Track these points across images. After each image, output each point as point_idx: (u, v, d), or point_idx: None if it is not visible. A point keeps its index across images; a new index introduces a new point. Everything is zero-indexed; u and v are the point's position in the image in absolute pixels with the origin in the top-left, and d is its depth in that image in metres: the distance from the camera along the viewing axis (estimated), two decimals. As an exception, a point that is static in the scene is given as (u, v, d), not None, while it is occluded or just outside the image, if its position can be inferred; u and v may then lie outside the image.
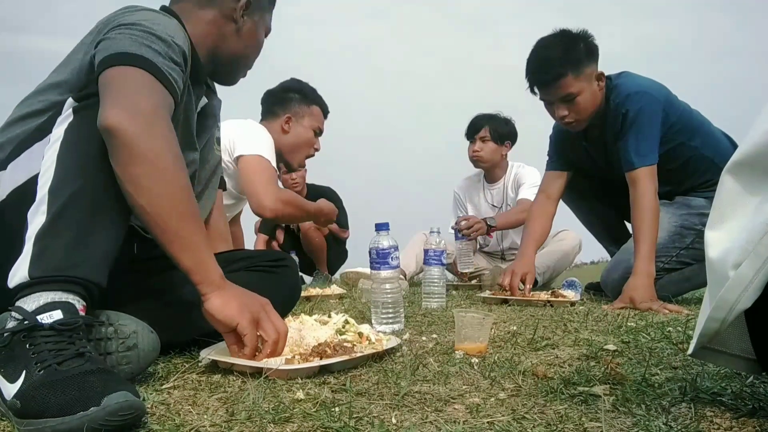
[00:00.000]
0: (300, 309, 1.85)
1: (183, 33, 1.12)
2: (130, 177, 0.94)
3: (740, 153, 0.73)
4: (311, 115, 2.49)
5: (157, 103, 0.99)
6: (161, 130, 0.97)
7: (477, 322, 1.23)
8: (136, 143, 0.93)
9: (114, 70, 0.99)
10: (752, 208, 0.70)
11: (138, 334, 0.98)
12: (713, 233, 0.75)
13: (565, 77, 2.12)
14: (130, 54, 1.00)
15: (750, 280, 0.66)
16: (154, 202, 0.95)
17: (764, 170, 0.70)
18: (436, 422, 0.78)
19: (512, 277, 2.26)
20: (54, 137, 0.98)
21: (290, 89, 2.51)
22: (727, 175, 0.75)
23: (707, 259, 0.75)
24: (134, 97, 0.97)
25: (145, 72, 1.00)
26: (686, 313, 1.81)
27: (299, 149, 2.48)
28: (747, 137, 0.73)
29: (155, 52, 1.03)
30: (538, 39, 2.22)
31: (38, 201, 0.92)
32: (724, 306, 0.69)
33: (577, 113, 2.19)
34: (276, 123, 2.44)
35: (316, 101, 2.51)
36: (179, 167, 0.99)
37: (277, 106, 2.48)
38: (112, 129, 0.93)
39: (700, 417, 0.78)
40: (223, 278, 1.03)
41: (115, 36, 1.04)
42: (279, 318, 1.08)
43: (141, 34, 1.04)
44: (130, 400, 0.74)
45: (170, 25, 1.10)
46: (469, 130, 3.31)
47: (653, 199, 2.08)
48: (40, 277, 0.87)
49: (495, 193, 3.38)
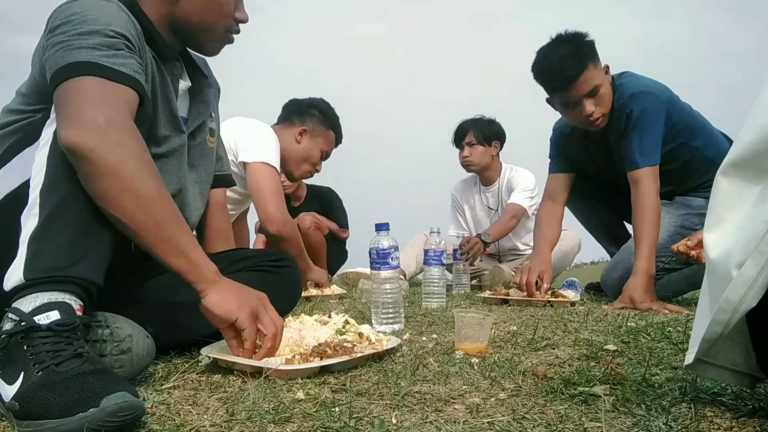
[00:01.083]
0: (300, 309, 1.85)
1: (123, 15, 1.07)
2: (97, 192, 0.92)
3: (733, 154, 0.73)
4: (325, 137, 2.52)
5: (111, 109, 0.95)
6: (118, 138, 0.93)
7: (477, 322, 1.23)
8: (95, 158, 0.91)
9: (61, 87, 0.97)
10: (751, 207, 0.70)
11: (133, 338, 0.98)
12: (712, 235, 0.74)
13: (587, 69, 2.08)
14: (70, 64, 0.97)
15: (754, 279, 0.65)
16: (128, 213, 0.93)
17: (758, 169, 0.70)
18: (436, 422, 0.78)
19: (529, 274, 2.21)
20: (43, 140, 0.97)
21: (315, 106, 2.53)
22: (721, 177, 0.74)
23: (707, 261, 0.74)
24: (85, 111, 0.94)
25: (91, 77, 0.97)
26: (686, 313, 1.81)
27: (304, 163, 2.51)
28: (738, 139, 0.73)
29: (92, 49, 0.99)
30: (538, 50, 2.18)
31: (30, 204, 0.92)
32: (728, 307, 0.68)
33: (602, 107, 2.16)
34: (290, 131, 2.46)
35: (334, 127, 2.55)
36: (145, 172, 0.96)
37: (297, 115, 2.50)
38: (70, 148, 0.91)
39: (700, 417, 0.78)
40: (217, 274, 1.02)
41: (53, 45, 1.01)
42: (275, 312, 1.08)
43: (75, 36, 1.00)
44: (130, 401, 0.74)
45: (104, 12, 1.05)
46: (456, 137, 3.33)
47: (655, 199, 2.08)
48: (36, 278, 0.87)
49: (490, 195, 3.40)
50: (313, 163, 2.53)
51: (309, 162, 2.51)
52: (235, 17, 1.24)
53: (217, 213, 1.53)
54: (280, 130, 2.43)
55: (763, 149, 0.69)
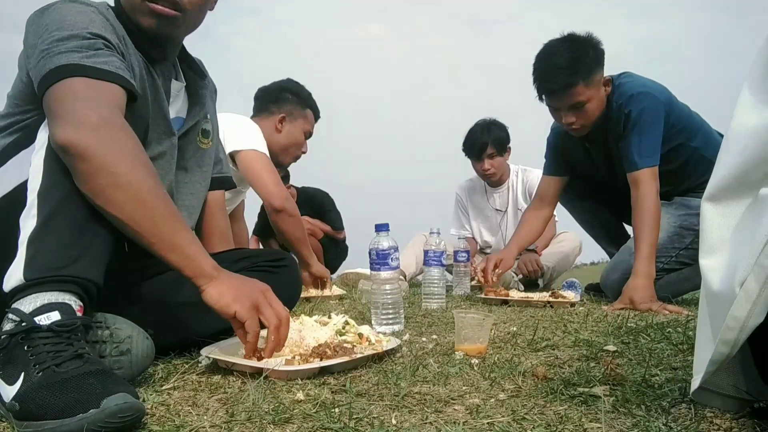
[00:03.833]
0: (300, 310, 1.85)
1: (101, 18, 1.08)
2: (93, 191, 0.93)
3: (722, 178, 0.74)
4: (304, 117, 2.54)
5: (102, 107, 0.96)
6: (112, 135, 0.94)
7: (477, 323, 1.23)
8: (89, 156, 0.91)
9: (49, 92, 0.97)
10: (748, 225, 0.70)
11: (132, 339, 0.98)
12: (709, 260, 0.74)
13: (576, 86, 2.10)
14: (53, 69, 0.98)
15: (758, 294, 0.65)
16: (124, 211, 0.94)
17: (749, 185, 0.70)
18: (435, 423, 0.78)
19: (487, 262, 2.39)
20: (39, 143, 0.98)
21: (287, 89, 2.53)
22: (708, 203, 0.75)
23: (705, 286, 0.74)
24: (76, 111, 0.94)
25: (77, 78, 0.97)
26: (686, 313, 1.81)
27: (290, 149, 2.53)
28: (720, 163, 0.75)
29: (72, 52, 0.99)
30: (545, 44, 2.19)
31: (29, 205, 0.92)
32: (735, 325, 0.67)
33: (584, 119, 2.19)
34: (269, 121, 2.47)
35: (310, 105, 2.56)
36: (140, 168, 0.96)
37: (272, 104, 2.50)
38: (64, 147, 0.92)
39: (700, 418, 0.78)
40: (216, 268, 1.02)
41: (36, 55, 1.01)
42: (280, 303, 1.07)
43: (54, 43, 1.00)
44: (130, 402, 0.74)
45: (81, 17, 1.05)
46: (473, 150, 3.20)
47: (655, 200, 2.08)
48: (36, 278, 0.87)
49: (498, 197, 3.35)
50: (299, 146, 2.56)
51: (295, 146, 2.54)
52: None
53: (216, 214, 1.54)
54: (259, 121, 2.44)
55: (750, 167, 0.70)
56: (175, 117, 1.29)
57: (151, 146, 1.20)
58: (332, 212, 3.98)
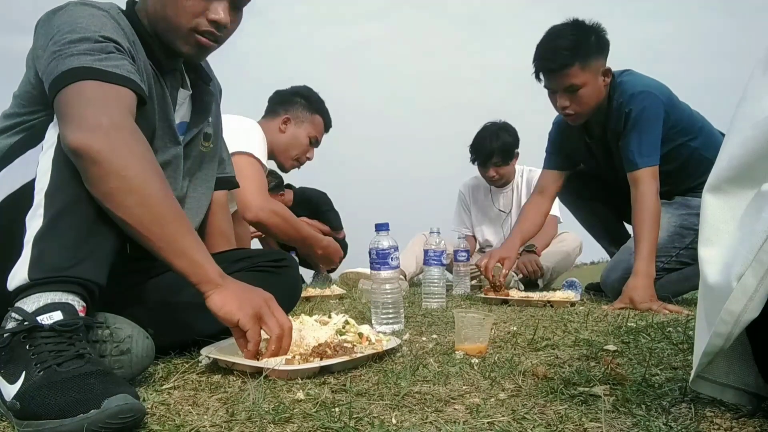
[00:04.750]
0: (300, 309, 1.85)
1: (112, 22, 1.08)
2: (103, 195, 0.93)
3: (723, 170, 0.73)
4: (312, 122, 2.48)
5: (113, 111, 0.96)
6: (123, 139, 0.95)
7: (477, 322, 1.23)
8: (100, 160, 0.92)
9: (60, 95, 0.97)
10: (748, 218, 0.70)
11: (132, 339, 0.98)
12: (708, 251, 0.73)
13: (572, 67, 2.10)
14: (65, 72, 0.98)
15: (755, 289, 0.65)
16: (134, 214, 0.94)
17: (752, 179, 0.70)
18: (436, 422, 0.78)
19: (489, 259, 2.32)
20: (47, 143, 0.98)
21: (298, 93, 2.51)
22: (710, 194, 0.74)
23: (702, 278, 0.74)
24: (87, 114, 0.94)
25: (88, 81, 0.97)
26: (686, 313, 1.81)
27: (291, 151, 2.46)
28: (723, 155, 0.74)
29: (84, 55, 0.99)
30: (550, 26, 2.21)
31: (35, 205, 0.92)
32: (730, 318, 0.67)
33: (578, 105, 2.18)
34: (274, 122, 2.44)
35: (320, 111, 2.50)
36: (150, 172, 0.97)
37: (280, 105, 2.48)
38: (76, 151, 0.92)
39: (700, 417, 0.78)
40: (221, 275, 1.03)
41: (47, 56, 1.01)
42: (283, 314, 1.08)
43: (66, 45, 1.00)
44: (130, 403, 0.74)
45: (93, 20, 1.05)
46: (480, 157, 3.16)
47: (655, 199, 2.08)
48: (40, 278, 0.87)
49: (502, 197, 3.34)
50: (303, 150, 2.47)
51: (297, 149, 2.45)
52: (209, 18, 1.17)
53: (218, 213, 1.54)
54: (265, 123, 2.42)
55: (753, 160, 0.70)
56: (179, 122, 1.30)
57: (157, 154, 1.20)
58: (330, 212, 3.98)
